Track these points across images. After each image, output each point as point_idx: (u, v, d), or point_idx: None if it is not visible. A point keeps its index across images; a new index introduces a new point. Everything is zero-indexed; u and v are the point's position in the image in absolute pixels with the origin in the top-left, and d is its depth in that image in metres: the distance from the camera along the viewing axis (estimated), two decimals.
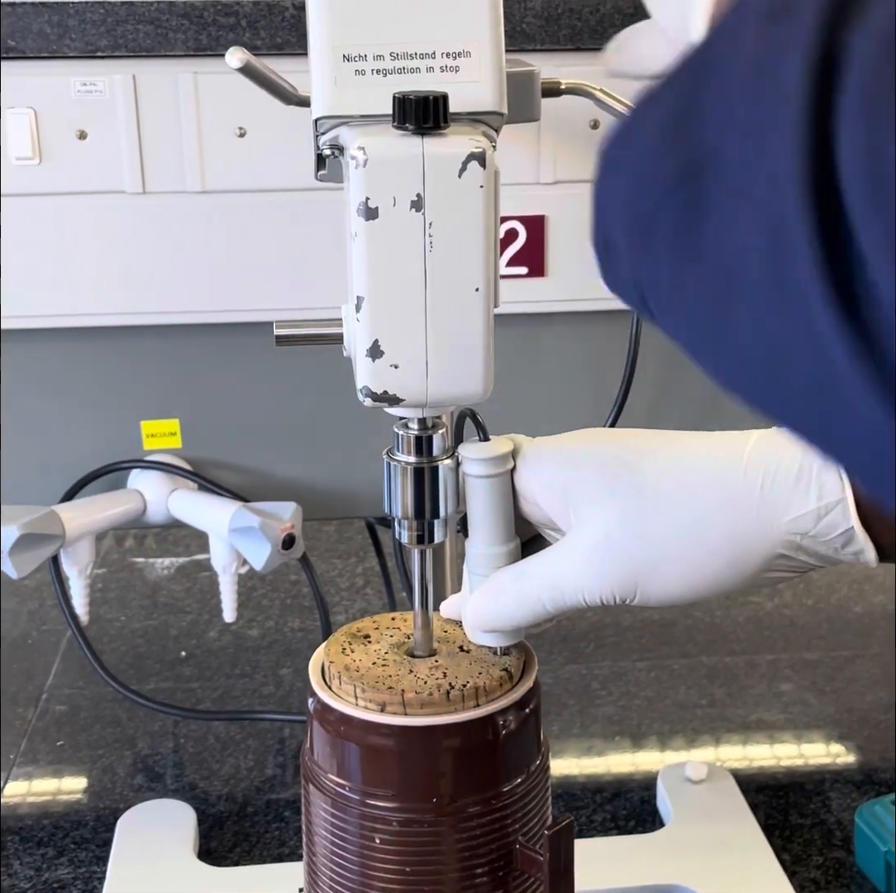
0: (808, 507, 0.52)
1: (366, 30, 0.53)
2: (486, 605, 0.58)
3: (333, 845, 0.58)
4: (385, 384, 0.53)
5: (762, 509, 0.53)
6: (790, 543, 0.53)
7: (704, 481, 0.54)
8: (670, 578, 0.54)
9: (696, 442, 0.56)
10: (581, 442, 0.58)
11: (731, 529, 0.53)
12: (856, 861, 0.87)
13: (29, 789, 0.97)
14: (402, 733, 0.56)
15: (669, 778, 0.93)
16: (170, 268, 0.91)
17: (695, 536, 0.53)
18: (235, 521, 0.89)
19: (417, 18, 0.53)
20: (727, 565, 0.54)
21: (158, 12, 0.85)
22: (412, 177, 0.50)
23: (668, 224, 0.35)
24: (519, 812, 0.58)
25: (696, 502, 0.53)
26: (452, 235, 0.51)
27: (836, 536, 0.52)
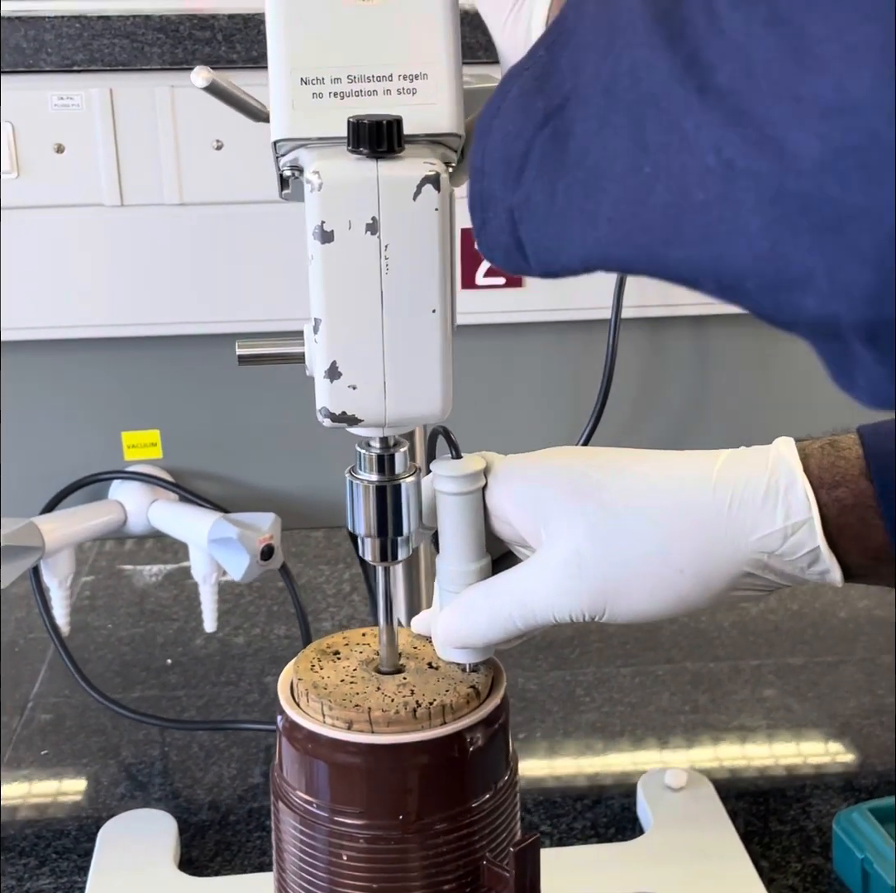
0: (775, 526, 0.53)
1: (323, 53, 0.53)
2: (456, 621, 0.58)
3: (302, 861, 0.59)
4: (343, 405, 0.53)
5: (729, 529, 0.53)
6: (757, 562, 0.53)
7: (673, 500, 0.54)
8: (638, 595, 0.55)
9: (666, 461, 0.56)
10: (551, 459, 0.58)
11: (698, 547, 0.54)
12: (834, 867, 0.87)
13: (13, 798, 0.97)
14: (369, 751, 0.56)
15: (649, 786, 0.93)
16: (148, 280, 0.91)
17: (662, 554, 0.54)
18: (214, 532, 0.89)
19: (374, 41, 0.53)
20: (695, 583, 0.54)
21: (134, 26, 0.85)
22: (367, 200, 0.50)
23: (536, 155, 0.41)
24: (486, 828, 0.58)
25: (663, 521, 0.54)
26: (408, 257, 0.51)
27: (803, 555, 0.53)
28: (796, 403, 1.01)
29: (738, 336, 0.98)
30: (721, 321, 0.98)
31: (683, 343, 0.98)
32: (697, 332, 0.98)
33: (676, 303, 0.96)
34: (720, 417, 1.00)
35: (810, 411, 1.01)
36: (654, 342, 0.98)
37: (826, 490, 0.53)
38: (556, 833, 0.92)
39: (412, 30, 0.53)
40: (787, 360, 1.00)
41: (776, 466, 0.54)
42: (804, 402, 1.01)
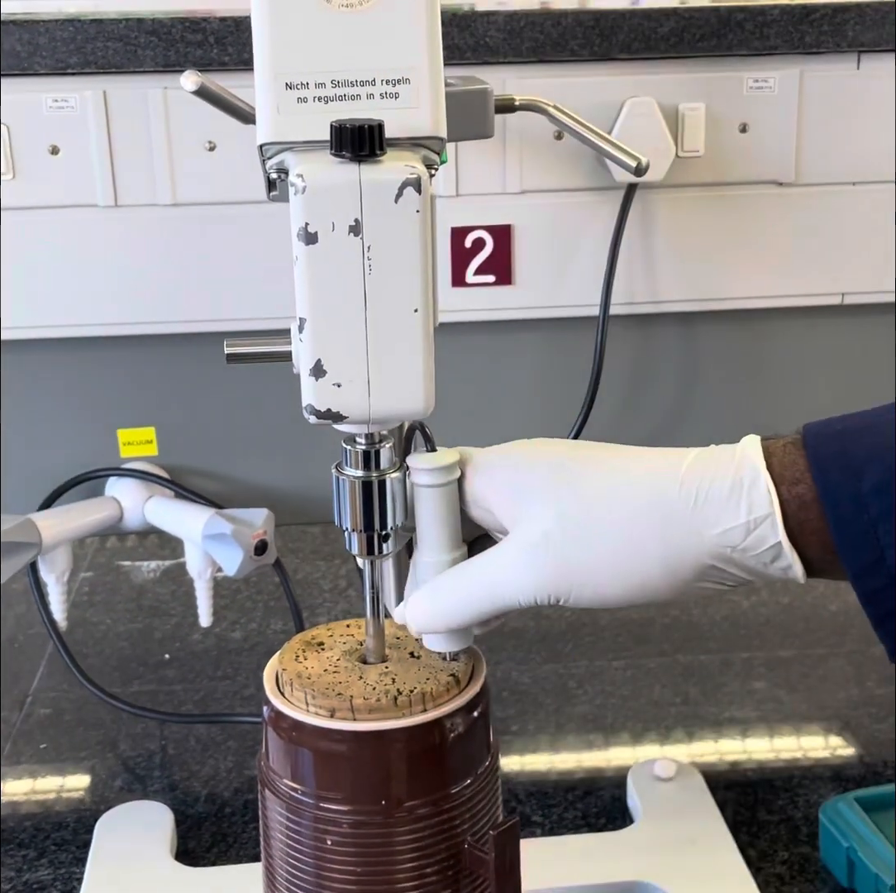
0: (738, 520, 0.54)
1: (307, 58, 0.54)
2: (424, 604, 0.59)
3: (288, 847, 0.60)
4: (328, 403, 0.54)
5: (694, 521, 0.55)
6: (721, 555, 0.55)
7: (642, 490, 0.56)
8: (603, 579, 0.56)
9: (640, 456, 0.58)
10: (530, 449, 0.60)
11: (664, 537, 0.55)
12: (820, 856, 0.88)
13: (12, 791, 0.99)
14: (352, 738, 0.58)
15: (639, 776, 0.95)
16: (143, 279, 0.92)
17: (629, 541, 0.55)
18: (208, 528, 0.90)
19: (357, 47, 0.54)
20: (660, 570, 0.56)
21: (127, 29, 0.87)
22: (350, 203, 0.52)
23: None
24: (467, 813, 0.60)
25: (632, 511, 0.56)
26: (390, 258, 0.52)
27: (765, 550, 0.55)
28: (783, 399, 1.02)
29: (725, 332, 1.00)
30: (708, 318, 0.99)
31: (671, 340, 0.99)
32: (685, 328, 0.99)
33: (664, 300, 0.97)
34: (708, 412, 1.01)
35: (796, 406, 1.02)
36: (642, 339, 0.99)
37: (787, 487, 0.55)
38: (547, 822, 0.94)
39: (394, 36, 0.54)
40: (774, 356, 1.01)
41: (741, 463, 0.55)
42: (791, 398, 1.02)
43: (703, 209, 0.95)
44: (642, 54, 0.90)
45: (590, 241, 0.94)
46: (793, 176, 0.94)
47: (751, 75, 0.92)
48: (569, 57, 0.89)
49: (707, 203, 0.95)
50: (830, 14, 0.90)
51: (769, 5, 0.90)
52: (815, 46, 0.91)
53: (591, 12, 0.89)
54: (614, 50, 0.89)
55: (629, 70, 0.91)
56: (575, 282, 0.95)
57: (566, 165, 0.93)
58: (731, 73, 0.91)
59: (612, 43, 0.89)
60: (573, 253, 0.95)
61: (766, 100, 0.92)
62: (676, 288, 0.96)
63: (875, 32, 0.90)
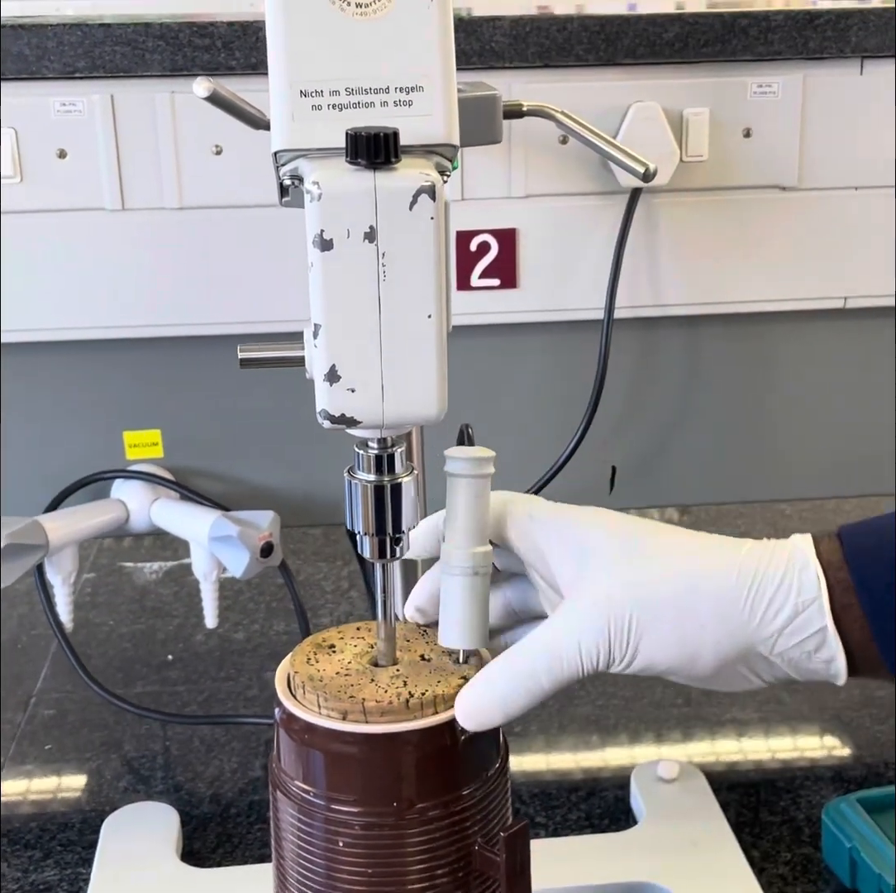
0: (788, 602, 0.57)
1: (322, 66, 0.55)
2: (475, 690, 0.59)
3: (300, 848, 0.60)
4: (342, 408, 0.55)
5: (748, 603, 0.58)
6: (768, 640, 0.57)
7: (703, 566, 0.59)
8: (658, 644, 0.58)
9: (697, 536, 0.61)
10: (601, 515, 0.62)
11: (720, 613, 0.57)
12: (823, 857, 0.89)
13: (17, 792, 0.99)
14: (364, 740, 0.58)
15: (642, 777, 0.95)
16: (149, 282, 0.93)
17: (688, 612, 0.58)
18: (215, 530, 0.91)
19: (371, 55, 0.55)
20: (711, 646, 0.58)
21: (135, 34, 0.87)
22: (365, 210, 0.52)
23: None
24: (478, 814, 0.60)
25: (693, 584, 0.58)
26: (405, 264, 0.53)
27: (811, 635, 0.57)
28: (786, 401, 1.02)
29: (728, 335, 1.00)
30: (712, 321, 0.99)
31: (675, 343, 1.00)
32: (688, 331, 1.00)
33: (668, 303, 0.97)
34: (711, 415, 1.02)
35: (800, 409, 1.03)
36: (646, 342, 1.00)
37: (833, 572, 0.57)
38: (551, 823, 0.94)
39: (408, 44, 0.55)
40: (778, 359, 1.02)
41: (793, 552, 0.58)
42: (794, 400, 1.03)
43: (706, 213, 0.95)
44: (647, 59, 0.90)
45: (594, 244, 0.95)
46: (796, 180, 0.95)
47: (754, 80, 0.92)
48: (574, 62, 0.90)
49: (711, 207, 0.95)
50: (834, 20, 0.91)
51: (773, 11, 0.91)
52: (818, 52, 0.91)
53: (597, 18, 0.89)
54: (619, 55, 0.90)
55: (634, 75, 0.91)
56: (579, 285, 0.96)
57: (571, 169, 0.93)
58: (734, 78, 0.92)
59: (616, 48, 0.90)
60: (578, 257, 0.95)
61: (769, 105, 0.93)
62: (680, 291, 0.97)
63: (878, 38, 0.91)
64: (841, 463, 1.04)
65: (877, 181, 0.95)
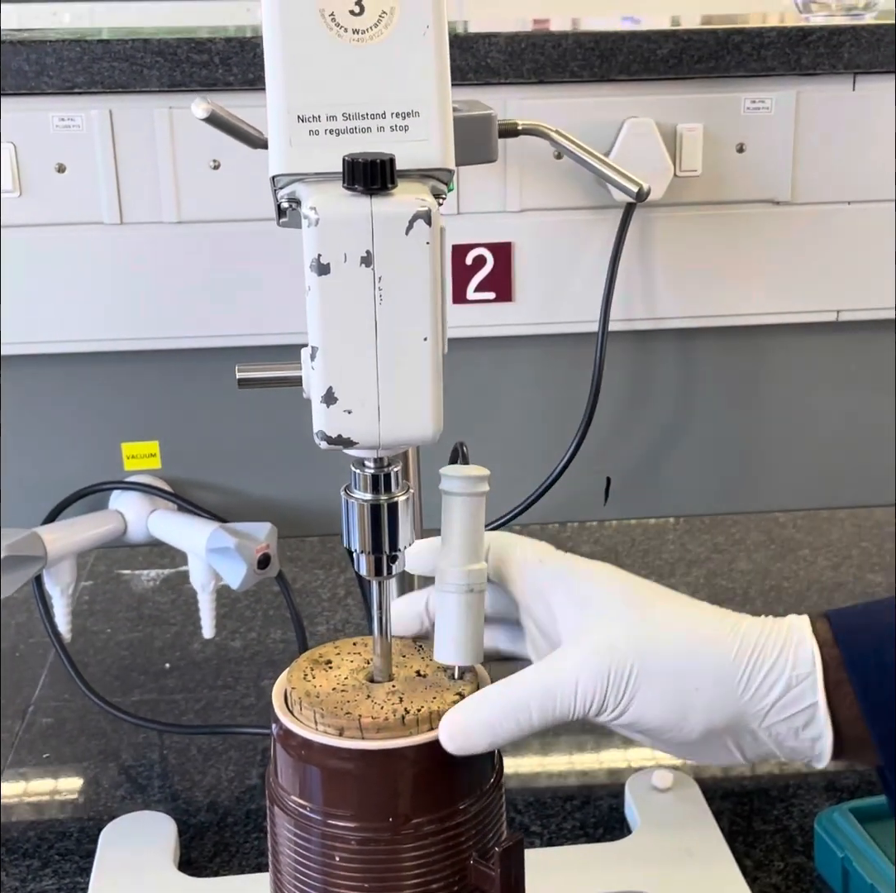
0: (784, 676, 0.58)
1: (319, 92, 0.55)
2: (464, 713, 0.59)
3: (297, 863, 0.61)
4: (339, 429, 0.56)
5: (745, 674, 0.59)
6: (759, 713, 0.58)
7: (703, 632, 0.60)
8: (652, 700, 0.59)
9: (704, 608, 0.62)
10: (607, 569, 0.63)
11: (716, 677, 0.58)
12: (815, 866, 0.90)
13: (15, 801, 1.00)
14: (360, 756, 0.59)
15: (637, 786, 0.96)
16: (148, 295, 0.94)
17: (685, 674, 0.59)
18: (212, 542, 0.92)
19: (368, 80, 0.55)
20: (702, 710, 0.59)
21: (133, 50, 0.88)
22: (362, 235, 0.53)
23: None
24: (473, 829, 0.61)
25: (692, 647, 0.59)
26: (401, 288, 0.54)
27: (801, 710, 0.58)
28: (780, 414, 1.03)
29: (722, 348, 1.01)
30: (705, 334, 1.00)
31: (669, 356, 1.01)
32: (682, 344, 1.00)
33: (662, 316, 0.98)
34: (706, 427, 1.02)
35: (794, 422, 1.04)
36: (640, 355, 1.00)
37: (827, 649, 0.59)
38: (545, 833, 0.95)
39: (404, 69, 0.56)
40: (771, 371, 1.02)
41: (791, 628, 0.59)
42: (788, 413, 1.03)
43: (700, 228, 0.96)
44: (641, 75, 0.91)
45: (589, 258, 0.95)
46: (789, 195, 0.96)
47: (748, 96, 0.93)
48: (569, 78, 0.91)
49: (704, 222, 0.96)
50: (826, 36, 0.91)
51: (766, 28, 0.91)
52: (811, 68, 0.92)
53: (591, 34, 0.90)
54: (614, 71, 0.91)
55: (628, 91, 0.92)
56: (574, 299, 0.97)
57: (566, 183, 0.94)
58: (728, 94, 0.93)
59: (611, 64, 0.91)
60: (573, 270, 0.96)
61: (762, 120, 0.94)
62: (674, 305, 0.98)
63: (870, 55, 0.92)
64: (834, 474, 1.05)
65: (869, 196, 0.96)
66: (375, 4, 0.55)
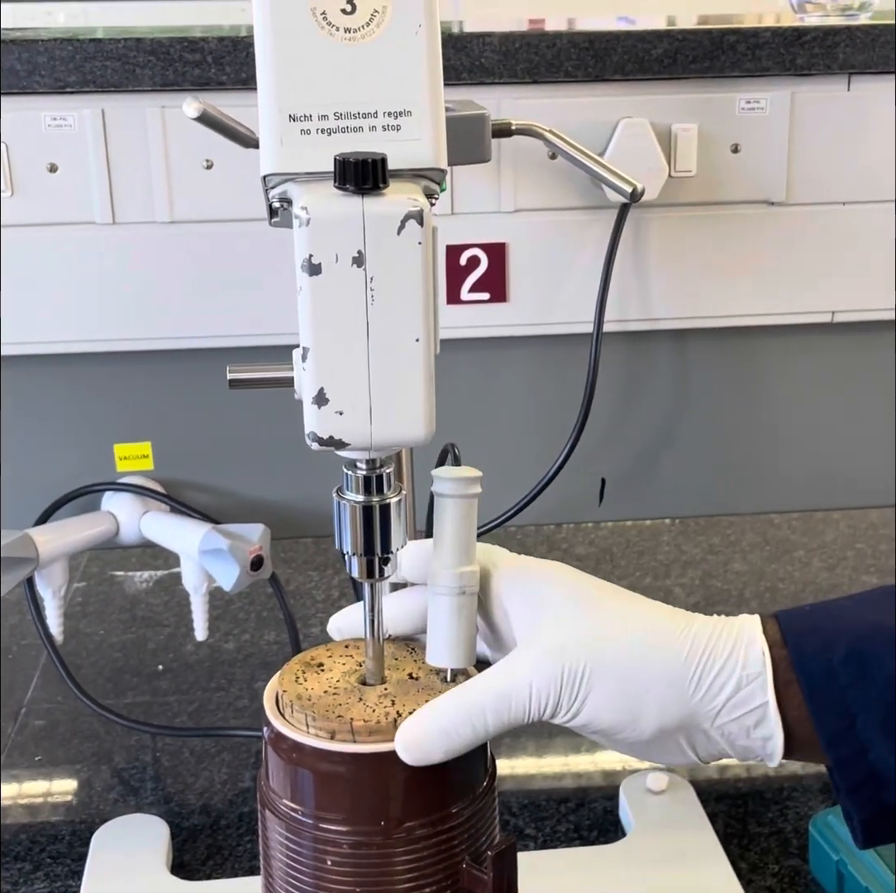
0: (734, 676, 0.58)
1: (311, 92, 0.55)
2: (418, 720, 0.59)
3: (288, 867, 0.61)
4: (330, 430, 0.55)
5: (696, 674, 0.58)
6: (710, 713, 0.58)
7: (655, 630, 0.59)
8: (604, 699, 0.58)
9: (655, 607, 0.62)
10: (562, 569, 0.63)
11: (667, 678, 0.58)
12: (810, 869, 0.89)
13: (7, 803, 0.99)
14: (351, 760, 0.58)
15: (631, 789, 0.96)
16: (140, 296, 0.93)
17: (637, 672, 0.58)
18: (205, 543, 0.91)
19: (360, 79, 0.55)
20: (655, 709, 0.58)
21: (126, 49, 0.87)
22: (353, 235, 0.52)
23: None
24: (465, 833, 0.61)
25: (644, 647, 0.59)
26: (393, 289, 0.53)
27: (752, 710, 0.58)
28: (774, 415, 1.03)
29: (716, 349, 1.01)
30: (700, 335, 1.00)
31: (663, 356, 1.00)
32: (677, 345, 1.00)
33: (656, 317, 0.98)
34: (700, 428, 1.02)
35: (788, 423, 1.03)
36: (634, 355, 1.00)
37: (776, 649, 0.58)
38: (540, 835, 0.94)
39: (396, 69, 0.55)
40: (765, 372, 1.02)
41: (741, 628, 0.59)
42: (782, 414, 1.03)
43: (695, 228, 0.96)
44: (636, 75, 0.91)
45: (583, 259, 0.95)
46: (784, 196, 0.95)
47: (743, 96, 0.93)
48: (563, 78, 0.90)
49: (699, 222, 0.96)
50: (821, 37, 0.91)
51: (761, 28, 0.91)
52: (806, 68, 0.92)
53: (586, 34, 0.90)
54: (608, 71, 0.90)
55: (623, 91, 0.92)
56: (569, 299, 0.96)
57: (560, 184, 0.94)
58: (723, 94, 0.93)
59: (606, 64, 0.90)
60: (567, 271, 0.96)
61: (757, 121, 0.93)
62: (669, 305, 0.97)
63: (865, 55, 0.92)
64: (829, 475, 1.05)
65: (864, 196, 0.96)
66: (367, 3, 0.55)
